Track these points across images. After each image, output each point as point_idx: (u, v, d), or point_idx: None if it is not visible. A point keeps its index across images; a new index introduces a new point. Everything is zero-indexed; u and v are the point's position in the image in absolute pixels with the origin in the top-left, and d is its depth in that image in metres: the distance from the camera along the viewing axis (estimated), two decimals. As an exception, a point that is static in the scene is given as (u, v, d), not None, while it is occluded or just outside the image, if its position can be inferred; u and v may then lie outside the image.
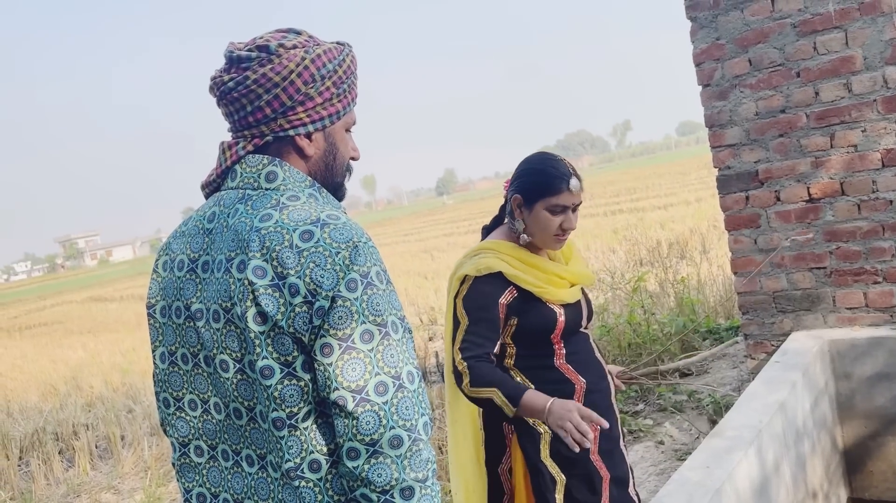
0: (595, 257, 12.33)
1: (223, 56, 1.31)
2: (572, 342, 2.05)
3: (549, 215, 1.99)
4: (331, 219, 1.20)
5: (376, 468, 1.13)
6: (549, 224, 1.99)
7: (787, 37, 3.40)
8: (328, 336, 1.14)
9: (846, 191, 3.37)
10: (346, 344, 1.14)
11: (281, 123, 1.28)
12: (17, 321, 25.98)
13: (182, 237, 1.34)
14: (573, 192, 1.99)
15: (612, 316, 6.22)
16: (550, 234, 2.01)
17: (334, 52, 1.31)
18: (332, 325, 1.14)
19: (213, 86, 1.31)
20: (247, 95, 1.26)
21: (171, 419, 1.36)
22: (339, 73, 1.30)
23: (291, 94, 1.26)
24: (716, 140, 3.65)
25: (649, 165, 70.20)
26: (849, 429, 3.36)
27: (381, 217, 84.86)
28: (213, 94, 1.31)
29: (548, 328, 2.00)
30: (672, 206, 20.13)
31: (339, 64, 1.31)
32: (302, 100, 1.27)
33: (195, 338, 1.28)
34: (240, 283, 1.17)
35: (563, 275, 2.05)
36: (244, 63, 1.27)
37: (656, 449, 3.97)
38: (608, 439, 2.04)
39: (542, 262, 2.05)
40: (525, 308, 1.98)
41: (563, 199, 1.98)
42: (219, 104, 1.32)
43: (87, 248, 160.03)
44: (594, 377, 2.05)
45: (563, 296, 2.03)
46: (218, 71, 1.32)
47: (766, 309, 3.66)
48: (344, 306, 1.14)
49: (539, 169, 2.04)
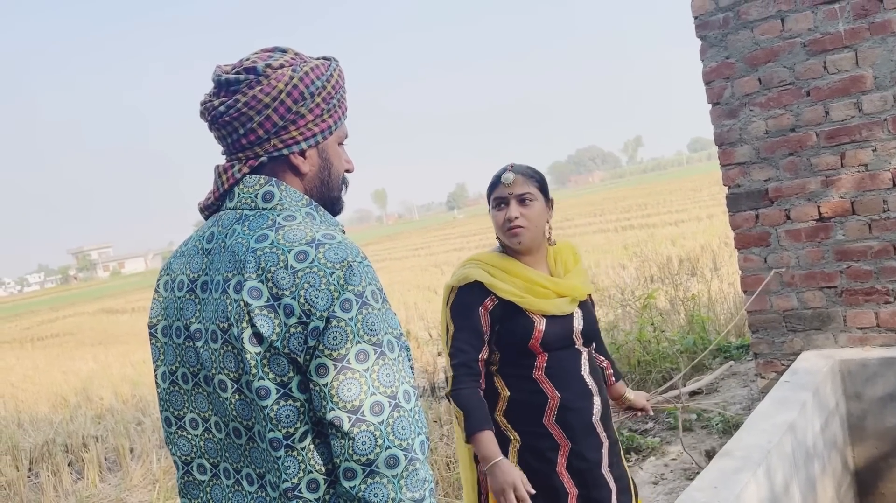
0: (605, 273, 12.30)
1: (211, 80, 1.32)
2: (557, 356, 2.07)
3: (495, 211, 2.13)
4: (326, 238, 1.20)
5: (373, 488, 1.13)
6: (497, 219, 2.12)
7: (797, 56, 3.40)
8: (323, 356, 1.14)
9: (857, 210, 3.36)
10: (341, 364, 1.14)
11: (274, 143, 1.29)
12: (30, 332, 26.15)
13: (182, 257, 1.35)
14: (506, 184, 2.09)
15: (622, 333, 6.19)
16: (502, 229, 2.11)
17: (321, 68, 1.31)
18: (327, 346, 1.14)
19: (203, 111, 1.31)
20: (238, 118, 1.27)
21: (174, 438, 1.37)
22: (327, 88, 1.31)
23: (283, 114, 1.27)
24: (726, 158, 3.66)
25: (660, 181, 70.13)
26: (860, 450, 3.33)
27: (392, 231, 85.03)
28: (205, 119, 1.32)
29: (524, 337, 2.03)
30: (683, 222, 20.07)
31: (328, 80, 1.31)
32: (293, 118, 1.28)
33: (195, 358, 1.28)
34: (236, 304, 1.18)
35: (546, 285, 2.07)
36: (233, 86, 1.27)
37: (665, 467, 3.95)
38: (582, 459, 2.04)
39: (524, 271, 2.09)
40: (505, 316, 2.06)
41: (499, 192, 2.11)
42: (211, 128, 1.32)
43: (99, 260, 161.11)
44: (573, 395, 2.06)
45: (546, 306, 2.05)
46: (207, 95, 1.32)
47: (776, 328, 3.64)
48: (339, 326, 1.14)
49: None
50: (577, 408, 2.06)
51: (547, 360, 2.05)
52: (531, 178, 2.11)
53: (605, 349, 2.34)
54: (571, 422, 2.04)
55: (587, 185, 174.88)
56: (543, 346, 2.04)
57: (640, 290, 8.60)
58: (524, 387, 2.05)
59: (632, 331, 6.18)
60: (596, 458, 2.07)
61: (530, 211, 2.08)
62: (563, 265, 2.18)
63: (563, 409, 2.04)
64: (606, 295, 8.68)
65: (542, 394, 2.04)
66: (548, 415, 2.04)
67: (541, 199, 2.11)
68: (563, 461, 2.03)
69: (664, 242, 15.27)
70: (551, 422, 2.04)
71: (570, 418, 2.04)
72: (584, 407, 2.07)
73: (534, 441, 2.04)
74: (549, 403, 2.04)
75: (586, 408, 2.08)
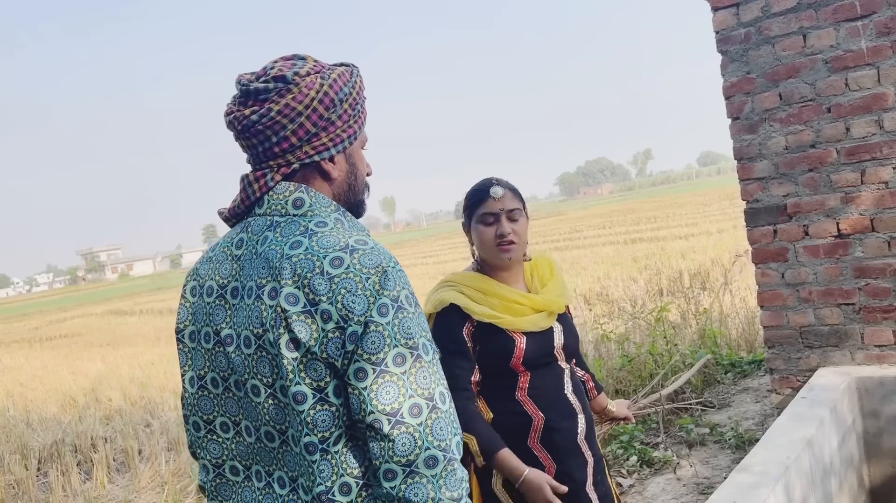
0: (615, 285, 12.28)
1: (236, 88, 1.32)
2: (539, 375, 2.03)
3: (483, 227, 2.05)
4: (359, 244, 1.22)
5: (413, 488, 1.15)
6: (486, 235, 2.04)
7: (818, 72, 3.41)
8: (362, 361, 1.16)
9: (876, 227, 3.35)
10: (379, 368, 1.15)
11: (306, 150, 1.30)
12: (39, 332, 26.24)
13: (209, 263, 1.36)
14: (496, 198, 2.03)
15: (634, 345, 6.18)
16: (491, 245, 2.04)
17: (346, 75, 1.34)
18: (365, 350, 1.16)
19: (232, 121, 1.31)
20: (272, 127, 1.28)
21: (203, 442, 1.37)
22: (353, 94, 1.34)
23: (315, 121, 1.28)
24: (744, 173, 3.66)
25: (670, 195, 69.98)
26: (876, 468, 3.31)
27: (400, 239, 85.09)
28: (233, 129, 1.32)
29: (505, 356, 1.99)
30: (693, 236, 20.03)
31: (353, 86, 1.34)
32: (325, 125, 1.30)
33: (225, 362, 1.29)
34: (272, 310, 1.19)
35: (522, 302, 2.04)
36: (262, 95, 1.28)
37: (678, 482, 3.93)
38: (569, 480, 1.99)
39: (501, 290, 2.05)
40: (484, 337, 2.01)
41: (489, 207, 2.04)
42: (238, 138, 1.33)
43: (108, 262, 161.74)
44: (557, 415, 2.02)
45: (523, 324, 2.01)
46: (231, 105, 1.33)
47: (792, 344, 3.63)
48: (377, 331, 1.16)
49: (470, 190, 2.11)
50: (562, 429, 2.02)
51: (529, 380, 2.01)
52: (515, 192, 2.09)
53: (583, 361, 2.31)
54: (557, 443, 2.00)
55: (596, 196, 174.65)
56: (525, 365, 2.00)
57: (650, 303, 8.58)
58: (507, 408, 2.01)
59: (643, 343, 6.17)
60: (581, 478, 2.04)
61: (519, 226, 2.05)
62: (540, 279, 2.15)
63: (549, 430, 2.00)
64: (617, 307, 8.66)
65: (525, 415, 2.00)
66: (532, 437, 2.00)
67: (524, 214, 2.09)
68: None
69: (674, 256, 15.23)
70: (536, 444, 2.00)
71: (555, 439, 2.00)
72: (569, 426, 2.04)
73: None
74: (534, 424, 2.00)
75: (571, 428, 2.04)
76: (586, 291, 12.13)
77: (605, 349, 6.59)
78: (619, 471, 4.20)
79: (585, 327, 7.99)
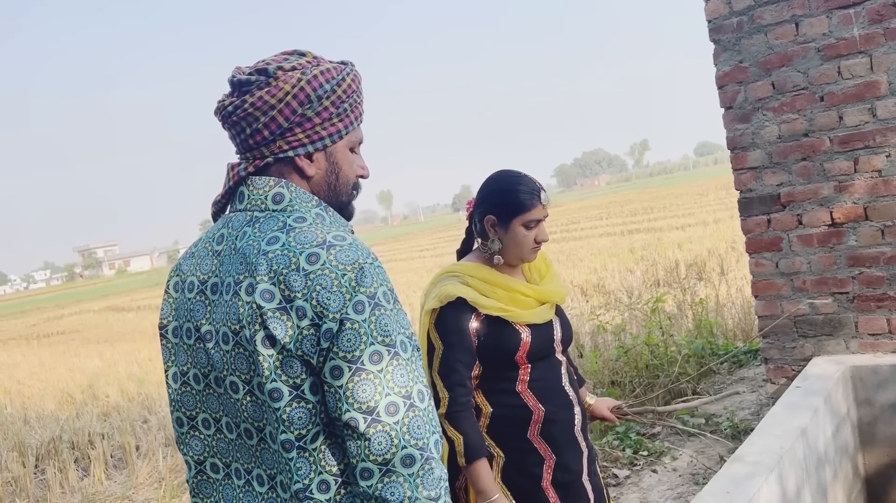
0: (611, 276, 12.29)
1: (227, 81, 1.33)
2: (540, 367, 2.04)
3: (525, 231, 2.04)
4: (337, 240, 1.20)
5: (389, 487, 1.14)
6: (526, 239, 2.04)
7: (811, 61, 3.40)
8: (337, 358, 1.15)
9: (870, 216, 3.34)
10: (355, 366, 1.14)
11: (280, 145, 1.29)
12: (36, 329, 26.24)
13: (192, 258, 1.35)
14: (545, 206, 2.05)
15: (630, 336, 6.18)
16: (528, 248, 2.05)
17: (333, 71, 1.31)
18: (340, 348, 1.15)
19: (216, 110, 1.33)
20: (245, 119, 1.28)
21: (185, 438, 1.37)
22: (337, 92, 1.30)
23: (287, 116, 1.27)
24: (738, 162, 3.65)
25: (667, 185, 70.00)
26: (870, 456, 3.31)
27: (398, 232, 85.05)
28: (218, 118, 1.34)
29: (511, 349, 1.99)
30: (690, 226, 20.03)
31: (338, 83, 1.31)
32: (299, 121, 1.28)
33: (205, 359, 1.29)
34: (248, 307, 1.18)
35: (527, 293, 2.05)
36: (244, 87, 1.29)
37: (673, 472, 3.94)
38: (566, 471, 2.01)
39: (506, 281, 2.05)
40: (490, 329, 2.00)
41: (536, 214, 2.04)
42: (223, 127, 1.34)
43: (105, 258, 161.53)
44: (556, 407, 2.03)
45: (529, 317, 2.02)
46: (224, 95, 1.34)
47: (786, 333, 3.63)
48: (352, 328, 1.15)
49: (509, 188, 2.07)
50: (560, 421, 2.03)
51: (530, 373, 2.02)
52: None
53: (568, 354, 2.31)
54: (555, 435, 2.01)
55: (593, 188, 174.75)
56: (528, 358, 2.01)
57: (647, 294, 8.59)
58: (508, 401, 2.01)
59: (639, 334, 6.17)
60: (578, 469, 2.05)
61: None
62: (538, 272, 2.17)
63: (548, 422, 2.01)
64: (614, 298, 8.66)
65: (525, 408, 2.00)
66: (532, 430, 2.00)
67: None
68: (549, 475, 2.01)
69: (671, 246, 15.24)
70: (536, 436, 2.01)
71: (554, 431, 2.01)
72: (567, 418, 2.05)
73: (519, 457, 2.01)
74: (534, 417, 2.00)
75: (569, 420, 2.05)
76: (583, 282, 12.14)
77: (602, 340, 6.60)
78: (614, 461, 4.20)
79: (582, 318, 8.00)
